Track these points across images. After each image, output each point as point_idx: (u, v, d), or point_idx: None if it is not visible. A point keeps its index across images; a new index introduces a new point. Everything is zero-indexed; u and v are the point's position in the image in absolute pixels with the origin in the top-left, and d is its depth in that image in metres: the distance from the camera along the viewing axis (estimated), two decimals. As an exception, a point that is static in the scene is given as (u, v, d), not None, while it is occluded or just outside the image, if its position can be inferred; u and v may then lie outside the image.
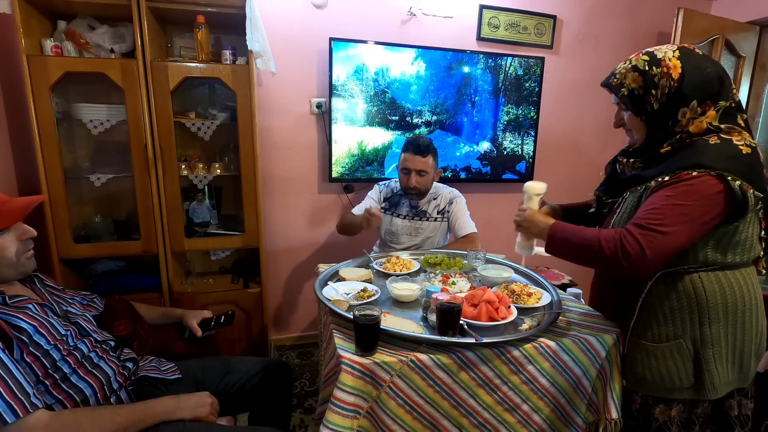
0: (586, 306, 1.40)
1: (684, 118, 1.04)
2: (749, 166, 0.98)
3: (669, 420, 1.14)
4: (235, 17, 1.90)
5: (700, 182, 0.97)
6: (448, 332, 1.11)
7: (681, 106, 1.03)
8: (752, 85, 2.90)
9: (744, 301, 1.08)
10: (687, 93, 1.02)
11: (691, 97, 1.02)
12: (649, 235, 0.97)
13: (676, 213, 0.97)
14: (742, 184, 0.96)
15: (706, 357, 1.08)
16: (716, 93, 1.02)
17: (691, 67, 1.01)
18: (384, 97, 2.43)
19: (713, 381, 1.08)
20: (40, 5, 1.78)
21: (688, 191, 0.97)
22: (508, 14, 2.58)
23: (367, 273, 1.53)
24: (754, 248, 1.07)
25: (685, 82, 1.01)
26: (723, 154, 0.98)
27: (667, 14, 2.74)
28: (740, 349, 1.10)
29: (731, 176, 0.95)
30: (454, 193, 2.09)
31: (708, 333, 1.07)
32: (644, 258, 0.97)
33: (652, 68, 1.03)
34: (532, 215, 1.27)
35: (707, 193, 0.96)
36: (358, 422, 1.05)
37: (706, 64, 1.02)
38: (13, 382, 0.90)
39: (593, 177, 1.37)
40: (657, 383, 1.13)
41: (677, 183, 0.99)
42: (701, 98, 1.02)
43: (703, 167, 0.97)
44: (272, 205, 2.47)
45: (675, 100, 1.03)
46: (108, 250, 1.98)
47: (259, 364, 1.43)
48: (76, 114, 1.88)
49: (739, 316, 1.08)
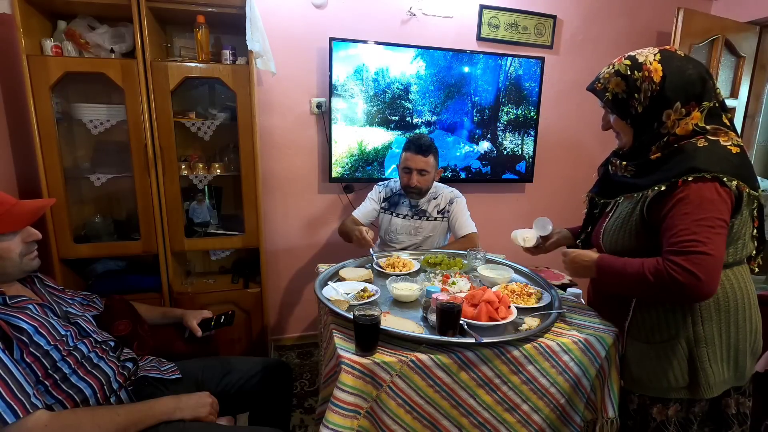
0: (586, 306, 1.40)
1: (668, 119, 1.04)
2: (740, 166, 0.99)
3: (666, 420, 1.14)
4: (235, 17, 1.90)
5: (702, 188, 0.97)
6: (448, 332, 1.11)
7: (664, 108, 1.04)
8: (752, 85, 2.89)
9: (736, 298, 1.08)
10: (669, 95, 1.02)
11: (674, 99, 1.02)
12: (693, 259, 0.94)
13: (703, 228, 0.95)
14: (738, 183, 0.97)
15: (700, 356, 1.08)
16: (699, 94, 1.02)
17: (672, 69, 1.02)
18: (384, 97, 2.42)
19: (708, 380, 1.08)
20: (40, 5, 1.78)
21: (699, 202, 0.96)
22: (508, 14, 2.58)
23: (367, 273, 1.53)
24: (746, 247, 1.09)
25: (667, 84, 1.02)
26: (714, 157, 0.99)
27: (667, 14, 2.74)
28: (735, 347, 1.10)
29: (726, 177, 0.96)
30: (454, 193, 2.09)
31: (701, 332, 1.08)
32: (700, 283, 0.93)
33: (634, 72, 1.05)
34: (574, 258, 1.21)
35: (712, 197, 0.96)
36: (358, 422, 1.05)
37: (688, 66, 1.03)
38: (13, 383, 0.90)
39: (593, 177, 1.36)
40: (653, 383, 1.13)
41: (677, 192, 0.99)
42: (684, 99, 1.02)
43: (698, 171, 0.97)
44: (272, 205, 2.47)
45: (658, 102, 1.04)
46: (108, 250, 1.98)
47: (259, 364, 1.43)
48: (76, 114, 1.88)
49: (732, 314, 1.08)
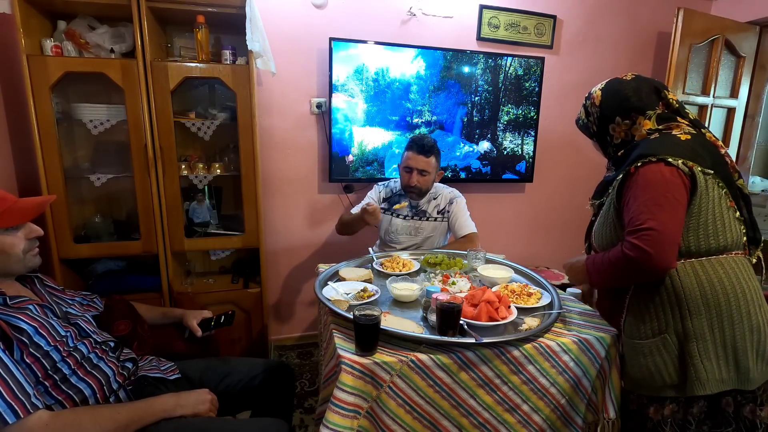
0: (585, 306, 1.41)
1: (615, 132, 1.23)
2: (688, 149, 1.08)
3: (662, 419, 1.13)
4: (235, 17, 1.90)
5: (647, 170, 1.07)
6: (448, 332, 1.11)
7: (609, 124, 1.24)
8: (752, 85, 2.89)
9: (727, 293, 1.07)
10: (608, 113, 1.23)
11: (613, 115, 1.22)
12: (640, 236, 1.03)
13: (649, 206, 1.04)
14: (685, 161, 1.05)
15: (690, 351, 1.08)
16: (636, 106, 1.18)
17: (608, 93, 1.22)
18: (384, 97, 2.42)
19: (699, 376, 1.07)
20: (40, 5, 1.78)
21: (645, 183, 1.07)
22: (508, 14, 2.58)
23: (367, 273, 1.53)
24: (730, 230, 1.10)
25: (603, 105, 1.23)
26: (662, 144, 1.10)
27: (667, 14, 2.74)
28: (732, 345, 1.07)
29: (671, 158, 1.05)
30: (454, 193, 2.09)
31: (690, 326, 1.08)
32: (649, 257, 1.02)
33: (587, 101, 1.29)
34: (570, 267, 1.33)
35: (656, 177, 1.05)
36: (358, 422, 1.05)
37: (626, 85, 1.20)
38: (13, 383, 0.90)
39: (593, 177, 1.38)
40: (646, 381, 1.13)
41: (630, 180, 1.10)
42: (623, 113, 1.20)
43: (645, 156, 1.08)
44: (272, 205, 2.47)
45: (602, 120, 1.25)
46: (108, 250, 1.98)
47: (260, 365, 1.42)
48: (76, 114, 1.88)
49: (724, 309, 1.07)
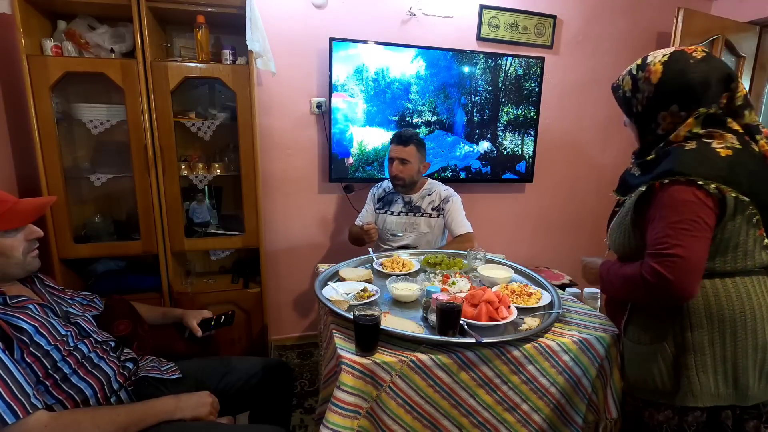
0: (585, 306, 1.41)
1: (664, 122, 1.04)
2: (725, 170, 0.94)
3: (657, 425, 1.11)
4: (235, 17, 1.90)
5: (675, 190, 0.95)
6: (448, 332, 1.11)
7: (660, 110, 1.04)
8: (752, 85, 2.89)
9: (734, 309, 1.01)
10: (663, 98, 1.02)
11: (669, 102, 1.02)
12: (663, 262, 0.95)
13: (677, 230, 0.94)
14: (718, 186, 0.93)
15: (686, 363, 1.04)
16: (697, 99, 0.99)
17: (672, 72, 1.00)
18: (384, 97, 2.42)
19: (692, 388, 1.03)
20: (40, 5, 1.78)
21: (672, 204, 0.96)
22: (508, 14, 2.58)
23: (367, 273, 1.53)
24: (752, 257, 1.02)
25: (661, 87, 1.01)
26: (695, 159, 0.96)
27: (667, 14, 2.74)
28: (732, 361, 1.02)
29: (702, 180, 0.93)
30: (449, 192, 2.10)
31: (690, 339, 1.04)
32: (670, 285, 0.94)
33: (639, 72, 1.06)
34: (584, 266, 1.27)
35: (686, 199, 0.94)
36: (359, 422, 1.05)
37: (694, 69, 0.99)
38: (13, 383, 0.90)
39: (593, 177, 1.36)
40: (640, 384, 1.12)
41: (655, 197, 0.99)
42: (682, 103, 1.01)
43: (673, 174, 0.96)
44: (272, 205, 2.47)
45: (654, 104, 1.04)
46: (108, 250, 1.98)
47: (259, 364, 1.43)
48: (76, 114, 1.88)
49: (728, 325, 1.02)
